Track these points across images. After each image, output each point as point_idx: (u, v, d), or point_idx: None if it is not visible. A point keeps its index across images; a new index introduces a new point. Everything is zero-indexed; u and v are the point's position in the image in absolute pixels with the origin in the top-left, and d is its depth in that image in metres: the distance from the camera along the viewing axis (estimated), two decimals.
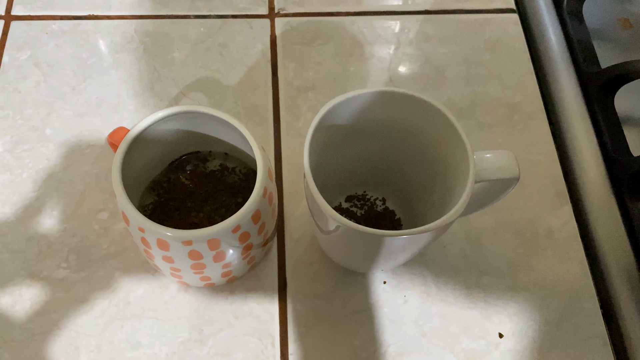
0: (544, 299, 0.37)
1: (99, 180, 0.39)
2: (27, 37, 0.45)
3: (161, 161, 0.36)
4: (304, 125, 0.42)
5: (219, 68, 0.44)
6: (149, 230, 0.29)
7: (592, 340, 0.36)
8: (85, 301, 0.35)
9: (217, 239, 0.29)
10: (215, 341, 0.35)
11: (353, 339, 0.35)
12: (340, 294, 0.36)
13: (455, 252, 0.38)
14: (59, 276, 0.36)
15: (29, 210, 0.38)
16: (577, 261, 0.38)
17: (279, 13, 0.47)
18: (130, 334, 0.35)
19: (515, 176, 0.29)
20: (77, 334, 0.34)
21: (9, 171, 0.39)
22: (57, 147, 0.40)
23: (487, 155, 0.29)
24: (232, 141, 0.35)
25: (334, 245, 0.33)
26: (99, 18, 0.46)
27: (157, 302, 0.36)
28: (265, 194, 0.30)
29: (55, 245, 0.37)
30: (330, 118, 0.31)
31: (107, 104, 0.42)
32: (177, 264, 0.31)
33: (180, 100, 0.43)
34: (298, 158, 0.41)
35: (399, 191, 0.37)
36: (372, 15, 0.48)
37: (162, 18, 0.46)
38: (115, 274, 0.36)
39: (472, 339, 0.35)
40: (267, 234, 0.33)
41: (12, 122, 0.41)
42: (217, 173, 0.36)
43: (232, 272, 0.34)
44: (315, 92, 0.44)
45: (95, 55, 0.44)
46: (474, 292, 0.37)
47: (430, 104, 0.31)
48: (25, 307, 0.35)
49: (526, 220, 0.39)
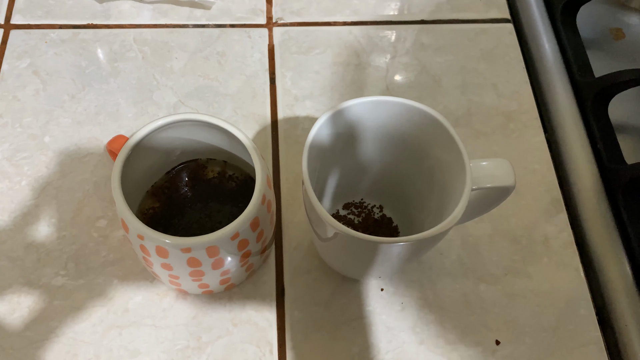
0: (540, 306, 0.37)
1: (97, 188, 0.39)
2: (26, 45, 0.45)
3: (160, 169, 0.36)
4: (301, 133, 0.42)
5: (217, 77, 0.45)
6: (148, 237, 0.29)
7: (588, 347, 0.36)
8: (83, 309, 0.35)
9: (215, 246, 0.29)
10: (213, 348, 0.35)
11: (351, 346, 0.35)
12: (338, 301, 0.36)
13: (452, 260, 0.38)
14: (58, 284, 0.36)
15: (28, 218, 0.38)
16: (572, 268, 0.38)
17: (277, 23, 0.48)
18: (129, 341, 0.35)
19: (511, 184, 0.30)
20: (75, 342, 0.35)
21: (8, 179, 0.39)
22: (56, 155, 0.41)
23: (483, 163, 0.30)
24: (231, 149, 0.35)
25: (332, 252, 0.33)
26: (97, 27, 0.46)
27: (156, 309, 0.36)
28: (264, 201, 0.31)
29: (54, 252, 0.37)
30: (328, 126, 0.31)
31: (105, 112, 0.43)
32: (175, 271, 0.31)
33: (179, 108, 0.43)
34: (296, 166, 0.41)
35: (397, 199, 0.37)
36: (368, 24, 0.48)
37: (160, 27, 0.47)
38: (113, 281, 0.36)
39: (469, 345, 0.36)
40: (265, 241, 0.34)
41: (11, 130, 0.41)
42: (215, 180, 0.36)
43: (231, 280, 0.34)
44: (312, 100, 0.44)
45: (94, 63, 0.45)
46: (470, 299, 0.37)
47: (427, 112, 0.31)
48: (23, 314, 0.35)
49: (522, 228, 0.40)
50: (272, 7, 0.49)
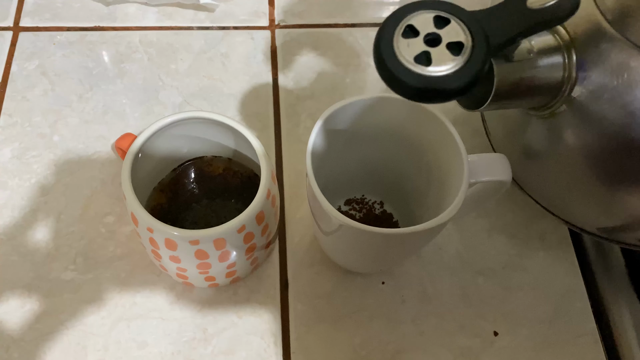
0: (537, 298, 0.38)
1: (105, 185, 0.40)
2: (35, 47, 0.46)
3: (167, 166, 0.37)
4: (303, 132, 0.43)
5: (221, 77, 0.46)
6: (157, 230, 0.30)
7: (584, 338, 0.37)
8: (92, 302, 0.36)
9: (222, 238, 0.30)
10: (219, 340, 0.36)
11: (353, 337, 0.36)
12: (340, 294, 0.37)
13: (450, 254, 0.39)
14: (67, 278, 0.37)
15: (37, 215, 0.39)
16: (568, 262, 0.39)
17: (279, 25, 0.49)
18: (137, 333, 0.36)
19: (507, 179, 0.31)
20: (85, 334, 0.35)
21: (18, 177, 0.40)
22: (65, 153, 0.42)
23: (480, 158, 0.31)
24: (236, 146, 0.36)
25: (334, 245, 0.34)
26: (104, 29, 0.48)
27: (163, 302, 0.37)
28: (269, 196, 0.32)
29: (63, 248, 0.38)
30: (330, 123, 0.32)
31: (112, 112, 0.44)
32: (183, 264, 0.32)
33: (184, 108, 0.44)
34: (298, 163, 0.42)
35: (397, 195, 0.38)
36: (368, 26, 0.49)
37: (166, 29, 0.48)
38: (121, 275, 0.37)
39: (467, 337, 0.37)
40: (270, 235, 0.35)
41: (20, 129, 0.42)
42: (221, 177, 0.37)
43: (236, 273, 0.35)
44: (314, 100, 0.45)
45: (101, 64, 0.46)
46: (469, 291, 0.38)
47: (427, 109, 0.32)
48: (34, 307, 0.36)
49: (519, 223, 0.41)
50: (274, 9, 0.50)
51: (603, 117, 0.27)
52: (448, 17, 0.24)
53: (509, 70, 0.26)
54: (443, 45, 0.23)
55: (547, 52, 0.27)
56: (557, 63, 0.27)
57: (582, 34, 0.27)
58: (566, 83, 0.28)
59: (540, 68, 0.27)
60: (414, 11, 0.24)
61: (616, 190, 0.29)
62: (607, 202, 0.30)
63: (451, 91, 0.23)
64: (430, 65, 0.23)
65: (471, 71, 0.23)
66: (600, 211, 0.31)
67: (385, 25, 0.24)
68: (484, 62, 0.23)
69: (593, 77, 0.27)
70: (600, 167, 0.29)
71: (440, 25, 0.24)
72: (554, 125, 0.30)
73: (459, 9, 0.24)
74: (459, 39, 0.23)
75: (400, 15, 0.24)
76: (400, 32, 0.23)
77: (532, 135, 0.32)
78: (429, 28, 0.24)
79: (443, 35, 0.23)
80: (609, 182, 0.29)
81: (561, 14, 0.23)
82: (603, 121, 0.27)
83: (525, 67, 0.27)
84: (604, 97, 0.27)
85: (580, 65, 0.27)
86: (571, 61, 0.27)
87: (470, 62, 0.23)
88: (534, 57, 0.27)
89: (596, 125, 0.27)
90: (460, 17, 0.24)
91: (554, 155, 0.31)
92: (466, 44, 0.23)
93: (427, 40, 0.23)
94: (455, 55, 0.23)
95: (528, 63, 0.27)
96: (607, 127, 0.27)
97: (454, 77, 0.23)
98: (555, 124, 0.30)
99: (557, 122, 0.29)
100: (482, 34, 0.23)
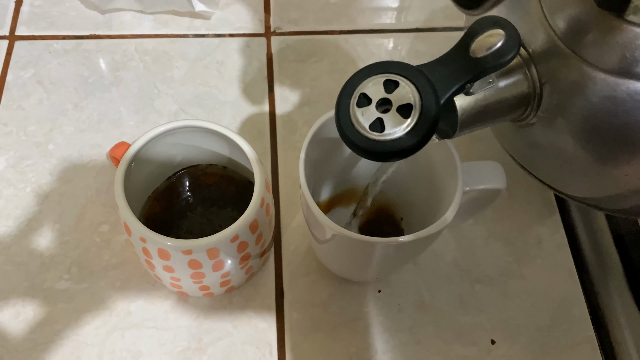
0: (535, 306, 0.38)
1: (100, 194, 0.40)
2: (30, 56, 0.46)
3: (161, 174, 0.37)
4: (299, 139, 0.43)
5: (217, 85, 0.46)
6: (150, 240, 0.30)
7: (582, 346, 0.37)
8: (87, 312, 0.36)
9: (216, 248, 0.30)
10: (214, 350, 0.35)
11: (349, 346, 0.36)
12: (336, 303, 0.37)
13: (447, 261, 0.39)
14: (61, 287, 0.37)
15: (32, 224, 0.39)
16: (566, 269, 0.39)
17: (275, 32, 0.49)
18: (131, 343, 0.35)
19: (502, 186, 0.31)
20: (79, 344, 0.35)
21: (13, 186, 0.40)
22: (60, 162, 0.41)
23: (475, 165, 0.31)
24: (231, 154, 0.36)
25: (330, 253, 0.34)
26: (100, 37, 0.48)
27: (157, 312, 0.36)
28: (263, 205, 0.32)
29: (58, 257, 0.38)
30: (324, 131, 0.32)
31: (108, 120, 0.44)
32: (177, 274, 0.32)
33: (180, 116, 0.44)
34: (294, 171, 0.42)
35: (394, 201, 0.38)
36: (365, 33, 0.49)
37: (161, 37, 0.48)
38: (116, 284, 0.37)
39: (465, 345, 0.36)
40: (264, 244, 0.35)
41: (15, 138, 0.42)
42: (215, 185, 0.37)
43: (231, 282, 0.35)
44: (310, 107, 0.45)
45: (96, 73, 0.46)
46: (466, 299, 0.38)
47: None
48: (28, 317, 0.36)
49: (516, 230, 0.40)
50: (270, 16, 0.50)
51: (571, 122, 0.27)
52: (397, 80, 0.25)
53: (471, 103, 0.27)
54: (394, 109, 0.24)
55: (508, 73, 0.27)
56: (520, 80, 0.27)
57: (539, 50, 0.27)
58: (532, 96, 0.28)
59: (504, 88, 0.27)
60: (366, 77, 0.25)
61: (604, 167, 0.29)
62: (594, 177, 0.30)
63: (406, 150, 0.24)
64: (385, 130, 0.24)
65: (422, 130, 0.24)
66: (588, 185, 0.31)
67: (341, 95, 0.25)
68: (434, 119, 0.24)
69: (554, 89, 0.27)
70: (582, 154, 0.29)
71: (390, 89, 0.25)
72: (531, 132, 0.30)
73: (406, 68, 0.25)
74: (408, 101, 0.24)
75: (354, 83, 0.25)
76: (355, 101, 0.25)
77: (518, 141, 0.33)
78: (380, 94, 0.25)
79: (393, 100, 0.24)
80: (597, 161, 0.29)
81: (503, 59, 0.24)
82: (571, 125, 0.27)
83: (488, 95, 0.27)
84: (568, 108, 0.27)
85: (542, 77, 0.27)
86: (533, 75, 0.27)
87: (420, 122, 0.24)
88: (494, 83, 0.27)
89: (565, 129, 0.28)
90: (408, 77, 0.24)
91: (539, 150, 0.31)
92: (415, 105, 0.24)
93: (379, 105, 0.25)
94: (406, 118, 0.24)
95: (490, 90, 0.27)
96: (574, 131, 0.27)
97: (406, 139, 0.24)
98: (530, 132, 0.30)
99: (533, 131, 0.30)
100: (430, 90, 0.24)
